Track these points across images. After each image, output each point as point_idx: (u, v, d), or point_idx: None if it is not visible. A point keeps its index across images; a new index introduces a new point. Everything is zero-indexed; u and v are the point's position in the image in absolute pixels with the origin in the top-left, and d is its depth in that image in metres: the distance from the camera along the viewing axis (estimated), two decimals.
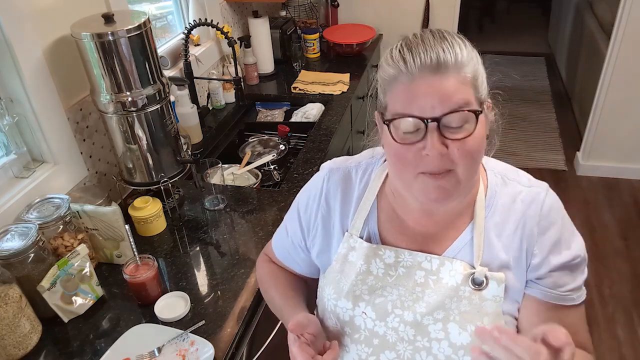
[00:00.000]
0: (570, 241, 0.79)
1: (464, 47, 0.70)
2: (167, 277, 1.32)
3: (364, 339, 0.84)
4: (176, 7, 2.18)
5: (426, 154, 0.69)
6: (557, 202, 0.81)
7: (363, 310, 0.83)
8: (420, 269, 0.81)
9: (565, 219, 0.80)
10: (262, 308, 1.28)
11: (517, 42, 5.14)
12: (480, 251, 0.78)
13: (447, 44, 0.69)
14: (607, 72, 2.89)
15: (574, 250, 0.79)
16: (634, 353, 2.18)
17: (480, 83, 0.72)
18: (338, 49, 2.71)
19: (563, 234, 0.79)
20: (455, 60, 0.68)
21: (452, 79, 0.68)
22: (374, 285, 0.82)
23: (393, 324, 0.81)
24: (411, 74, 0.68)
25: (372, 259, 0.83)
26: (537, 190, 0.80)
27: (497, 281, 0.77)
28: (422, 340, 0.80)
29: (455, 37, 0.72)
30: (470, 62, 0.70)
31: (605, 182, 3.19)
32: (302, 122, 2.16)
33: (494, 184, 0.82)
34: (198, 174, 1.59)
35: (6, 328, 1.07)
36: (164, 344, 1.12)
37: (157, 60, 1.40)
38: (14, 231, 1.15)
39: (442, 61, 0.68)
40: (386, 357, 0.83)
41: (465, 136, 0.69)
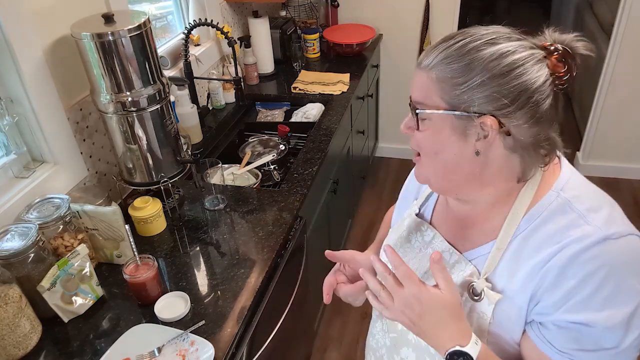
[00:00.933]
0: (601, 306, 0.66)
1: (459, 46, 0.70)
2: (167, 277, 1.32)
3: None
4: (176, 7, 2.18)
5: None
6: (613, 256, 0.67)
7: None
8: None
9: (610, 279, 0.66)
10: (262, 308, 1.29)
11: None
12: (492, 266, 0.76)
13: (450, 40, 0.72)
14: (607, 72, 2.89)
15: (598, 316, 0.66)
16: None
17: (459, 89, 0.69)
18: (338, 49, 2.71)
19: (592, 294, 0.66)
20: (430, 62, 0.72)
21: (423, 73, 0.73)
22: (407, 252, 0.91)
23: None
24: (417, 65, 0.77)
25: (414, 231, 0.92)
26: (592, 232, 0.68)
27: (489, 300, 0.75)
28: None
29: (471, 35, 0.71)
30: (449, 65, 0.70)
31: (605, 182, 3.19)
32: (302, 122, 2.16)
33: (547, 204, 0.73)
34: (198, 174, 1.59)
35: (6, 328, 1.07)
36: (164, 344, 1.12)
37: (157, 60, 1.40)
38: (14, 231, 1.15)
39: (422, 60, 0.75)
40: None
41: (415, 129, 0.76)
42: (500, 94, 0.67)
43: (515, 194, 0.76)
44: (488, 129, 0.69)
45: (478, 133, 0.70)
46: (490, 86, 0.68)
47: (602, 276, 0.66)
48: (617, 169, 3.19)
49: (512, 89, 0.67)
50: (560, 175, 0.78)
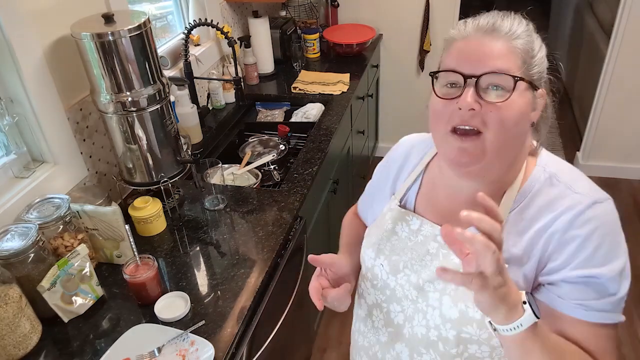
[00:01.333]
0: (603, 261, 0.74)
1: (523, 24, 0.75)
2: (167, 277, 1.32)
3: (380, 287, 0.93)
4: (176, 7, 2.18)
5: (459, 107, 0.72)
6: (603, 217, 0.75)
7: (381, 262, 0.92)
8: (435, 241, 0.86)
9: (605, 238, 0.74)
10: (262, 308, 1.29)
11: None
12: None
13: (509, 17, 0.75)
14: (607, 72, 2.89)
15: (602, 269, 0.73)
16: (634, 353, 2.18)
17: (534, 63, 0.74)
18: (338, 49, 2.71)
19: (594, 252, 0.73)
20: (510, 29, 0.73)
21: (501, 44, 0.72)
22: (395, 244, 0.91)
23: (401, 281, 0.89)
24: (466, 34, 0.75)
25: (400, 222, 0.91)
26: (580, 199, 0.75)
27: None
28: (422, 304, 0.86)
29: (521, 17, 0.77)
30: (526, 37, 0.74)
31: (605, 182, 3.19)
32: (302, 122, 2.16)
33: (536, 179, 0.79)
34: (198, 174, 1.59)
35: (6, 328, 1.07)
36: (164, 344, 1.12)
37: (157, 60, 1.40)
38: (14, 231, 1.15)
39: (497, 26, 0.73)
40: (394, 308, 0.92)
41: (500, 100, 0.71)
42: (544, 72, 0.76)
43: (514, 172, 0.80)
44: (543, 101, 0.76)
45: (537, 103, 0.76)
46: (544, 64, 0.76)
47: (599, 235, 0.74)
48: (617, 169, 3.19)
49: (545, 68, 0.77)
50: (541, 154, 0.83)
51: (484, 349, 0.81)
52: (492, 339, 0.79)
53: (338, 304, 0.92)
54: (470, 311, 0.79)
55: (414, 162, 0.96)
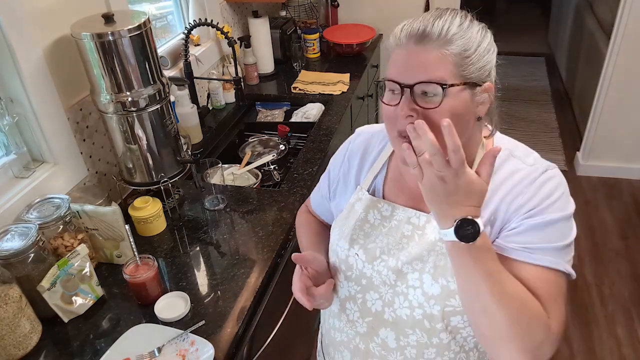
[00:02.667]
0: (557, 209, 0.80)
1: (456, 25, 0.76)
2: (167, 277, 1.32)
3: (355, 278, 0.95)
4: (176, 7, 2.19)
5: (399, 114, 0.78)
6: (555, 178, 0.83)
7: (356, 252, 0.94)
8: (409, 223, 0.89)
9: (558, 201, 0.81)
10: (262, 308, 1.29)
11: (517, 42, 5.14)
12: None
13: (441, 20, 0.76)
14: (607, 72, 2.89)
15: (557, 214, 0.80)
16: (634, 353, 2.18)
17: (469, 61, 0.76)
18: (338, 49, 2.71)
19: (546, 208, 0.80)
20: (440, 33, 0.75)
21: (431, 52, 0.75)
22: (369, 232, 0.93)
23: (378, 268, 0.91)
24: (400, 43, 0.78)
25: (371, 210, 0.94)
26: (535, 168, 0.83)
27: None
28: (401, 286, 0.89)
29: (457, 15, 0.78)
30: (459, 39, 0.75)
31: (605, 182, 3.19)
32: (302, 122, 2.16)
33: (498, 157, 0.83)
34: (198, 174, 1.59)
35: (6, 328, 1.07)
36: (164, 344, 1.12)
37: (157, 60, 1.40)
38: (14, 231, 1.15)
39: (428, 32, 0.75)
40: (371, 296, 0.93)
41: (432, 107, 0.75)
42: (491, 63, 0.80)
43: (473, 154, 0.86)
44: (487, 94, 0.79)
45: (480, 99, 0.79)
46: (486, 56, 0.78)
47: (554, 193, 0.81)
48: (617, 169, 3.19)
49: (494, 57, 0.80)
50: (496, 134, 0.89)
51: (465, 319, 0.85)
52: None
53: (324, 301, 0.96)
54: (451, 285, 0.83)
55: (376, 151, 0.99)
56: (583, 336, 2.27)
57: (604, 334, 2.26)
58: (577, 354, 2.20)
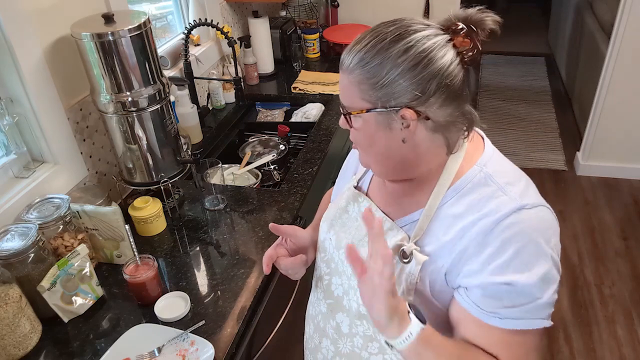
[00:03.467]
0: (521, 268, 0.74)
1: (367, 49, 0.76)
2: (167, 277, 1.32)
3: (326, 260, 1.00)
4: (176, 7, 2.19)
5: None
6: (525, 223, 0.75)
7: (330, 237, 0.98)
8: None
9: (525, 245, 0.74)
10: (262, 308, 1.29)
11: (517, 42, 5.14)
12: (420, 231, 0.83)
13: (356, 46, 0.79)
14: (607, 72, 2.89)
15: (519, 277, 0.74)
16: (634, 353, 2.18)
17: (376, 87, 0.75)
18: (338, 49, 2.71)
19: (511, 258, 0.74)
20: (349, 64, 0.78)
21: (344, 77, 0.80)
22: (345, 222, 0.97)
23: (342, 257, 0.95)
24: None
25: (352, 202, 0.97)
26: (508, 203, 0.76)
27: (416, 261, 0.82)
28: (355, 281, 0.90)
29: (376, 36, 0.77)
30: (365, 66, 0.76)
31: (605, 182, 3.20)
32: (302, 122, 2.16)
33: (471, 178, 0.81)
34: (198, 174, 1.59)
35: (6, 328, 1.07)
36: (164, 344, 1.12)
37: (157, 60, 1.40)
38: (14, 231, 1.15)
39: (342, 63, 0.80)
40: (335, 281, 0.98)
41: (349, 127, 0.83)
42: (412, 86, 0.74)
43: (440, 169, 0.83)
44: (408, 119, 0.76)
45: (401, 124, 0.76)
46: (402, 80, 0.74)
47: (519, 242, 0.74)
48: (617, 169, 3.19)
49: (422, 79, 0.73)
50: (484, 153, 0.84)
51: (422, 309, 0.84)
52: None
53: (292, 272, 1.02)
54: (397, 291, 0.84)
55: None
56: (583, 336, 2.27)
57: (604, 334, 2.26)
58: (577, 354, 2.20)
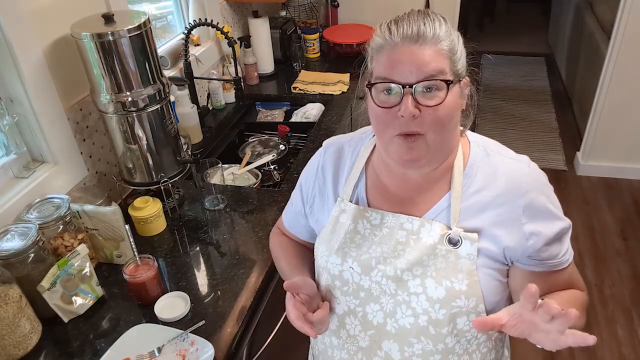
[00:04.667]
0: (558, 210, 0.85)
1: (443, 24, 0.79)
2: (167, 277, 1.32)
3: (352, 292, 0.92)
4: (176, 7, 2.18)
5: (401, 115, 0.77)
6: (540, 173, 0.86)
7: (350, 266, 0.91)
8: (402, 229, 0.88)
9: (549, 189, 0.85)
10: (262, 308, 1.29)
11: (517, 42, 5.14)
12: (457, 214, 0.84)
13: (429, 20, 0.78)
14: (607, 72, 2.89)
15: (564, 220, 0.85)
16: (634, 353, 2.18)
17: (457, 58, 0.80)
18: (338, 49, 2.71)
19: (551, 204, 0.84)
20: (434, 33, 0.77)
21: (430, 50, 0.76)
22: (361, 243, 0.91)
23: (376, 278, 0.89)
24: (394, 43, 0.77)
25: (360, 220, 0.92)
26: (519, 165, 0.85)
27: (470, 241, 0.83)
28: (402, 294, 0.87)
29: (437, 16, 0.80)
30: (448, 37, 0.78)
31: (605, 182, 3.19)
32: (302, 122, 2.16)
33: (475, 154, 0.87)
34: (198, 174, 1.59)
35: (6, 328, 1.07)
36: (164, 344, 1.12)
37: (157, 60, 1.40)
38: (14, 231, 1.15)
39: (422, 33, 0.76)
40: (371, 308, 0.91)
41: (437, 103, 0.77)
42: (466, 58, 0.82)
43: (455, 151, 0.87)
44: (465, 87, 0.82)
45: (464, 93, 0.82)
46: (464, 54, 0.81)
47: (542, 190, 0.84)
48: (617, 169, 3.19)
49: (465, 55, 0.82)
50: (468, 133, 0.91)
51: (471, 318, 0.85)
52: (479, 305, 0.84)
53: (321, 326, 0.91)
54: (455, 285, 0.83)
55: (350, 161, 0.96)
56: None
57: (604, 334, 2.26)
58: (577, 354, 2.20)
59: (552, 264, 0.85)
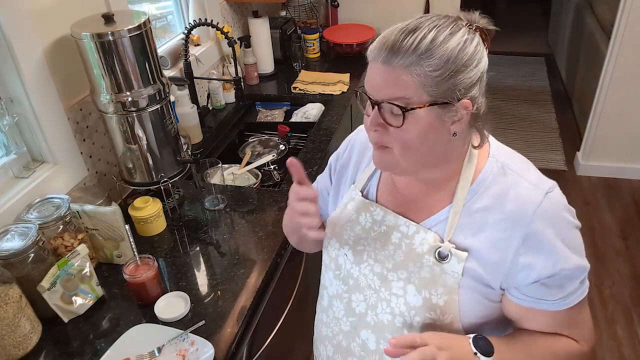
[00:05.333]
0: (571, 250, 0.79)
1: (430, 39, 0.72)
2: (167, 277, 1.32)
3: (342, 277, 0.95)
4: (176, 7, 2.18)
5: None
6: (558, 205, 0.80)
7: (345, 253, 0.94)
8: (398, 231, 0.89)
9: (564, 224, 0.80)
10: (262, 308, 1.29)
11: (517, 42, 5.14)
12: (452, 229, 0.83)
13: (414, 35, 0.73)
14: (607, 72, 2.89)
15: (573, 261, 0.79)
16: (634, 353, 2.18)
17: (440, 80, 0.73)
18: (338, 49, 2.71)
19: (561, 241, 0.78)
20: (407, 51, 0.72)
21: (400, 71, 0.73)
22: (359, 234, 0.93)
23: (364, 271, 0.91)
24: (373, 56, 0.76)
25: (363, 212, 0.93)
26: (535, 192, 0.79)
27: (458, 259, 0.82)
28: (385, 292, 0.89)
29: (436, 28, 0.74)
30: (429, 58, 0.72)
31: (605, 182, 3.19)
32: (302, 122, 2.16)
33: (489, 170, 0.83)
34: (198, 174, 1.59)
35: (6, 328, 1.07)
36: (164, 344, 1.12)
37: (157, 60, 1.40)
38: (14, 231, 1.15)
39: (396, 49, 0.73)
40: (356, 297, 0.94)
41: (396, 125, 0.75)
42: (470, 79, 0.75)
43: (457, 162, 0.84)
44: (464, 111, 0.75)
45: (454, 117, 0.76)
46: (462, 74, 0.73)
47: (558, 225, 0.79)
48: (617, 169, 3.19)
49: (475, 72, 0.75)
50: (491, 145, 0.86)
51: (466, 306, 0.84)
52: (454, 323, 0.83)
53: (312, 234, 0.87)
54: (433, 298, 0.83)
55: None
56: None
57: (604, 334, 2.26)
58: None
59: (544, 304, 0.81)
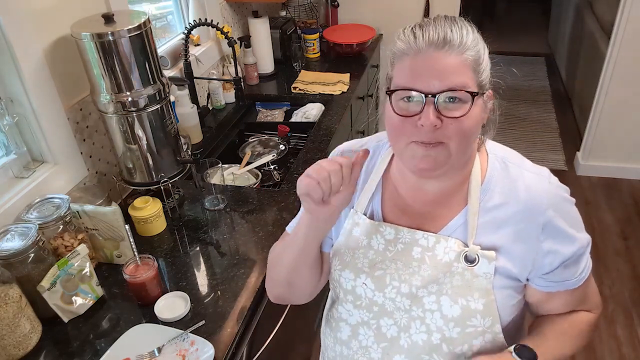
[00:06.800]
0: (578, 229, 0.84)
1: (471, 32, 0.75)
2: (167, 277, 1.32)
3: (365, 306, 0.89)
4: (176, 7, 2.19)
5: (421, 124, 0.73)
6: (560, 188, 0.84)
7: (363, 282, 0.88)
8: (418, 246, 0.85)
9: (569, 205, 0.84)
10: (262, 308, 1.29)
11: (517, 42, 5.14)
12: (473, 231, 0.82)
13: (456, 27, 0.74)
14: (607, 72, 2.89)
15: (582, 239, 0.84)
16: (634, 353, 2.18)
17: (482, 69, 0.76)
18: (338, 49, 2.71)
19: (570, 222, 0.82)
20: (460, 41, 0.73)
21: (455, 59, 0.72)
22: (374, 259, 0.88)
23: (390, 295, 0.86)
24: (418, 49, 0.73)
25: (374, 235, 0.88)
26: (539, 179, 0.83)
27: (487, 259, 0.81)
28: (417, 310, 0.85)
29: (465, 23, 0.76)
30: (475, 47, 0.74)
31: (605, 182, 3.19)
32: (302, 122, 2.16)
33: (493, 168, 0.84)
34: (198, 174, 1.59)
35: (6, 328, 1.07)
36: (164, 344, 1.12)
37: (157, 60, 1.40)
38: (14, 231, 1.15)
39: (449, 40, 0.72)
40: (385, 322, 0.88)
41: (460, 115, 0.73)
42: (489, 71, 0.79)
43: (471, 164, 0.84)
44: (490, 102, 0.79)
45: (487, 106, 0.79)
46: (489, 65, 0.78)
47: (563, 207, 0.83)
48: (617, 169, 3.19)
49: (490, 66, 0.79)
50: (486, 142, 0.88)
51: (487, 338, 0.82)
52: (495, 325, 0.82)
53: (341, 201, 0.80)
54: (471, 304, 0.81)
55: (366, 172, 0.92)
56: None
57: (604, 334, 2.26)
58: (577, 354, 2.20)
59: (567, 284, 0.85)
